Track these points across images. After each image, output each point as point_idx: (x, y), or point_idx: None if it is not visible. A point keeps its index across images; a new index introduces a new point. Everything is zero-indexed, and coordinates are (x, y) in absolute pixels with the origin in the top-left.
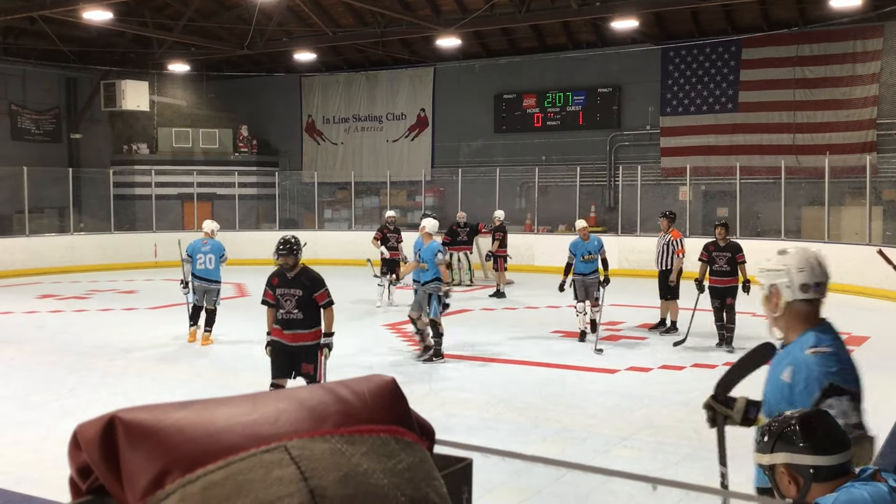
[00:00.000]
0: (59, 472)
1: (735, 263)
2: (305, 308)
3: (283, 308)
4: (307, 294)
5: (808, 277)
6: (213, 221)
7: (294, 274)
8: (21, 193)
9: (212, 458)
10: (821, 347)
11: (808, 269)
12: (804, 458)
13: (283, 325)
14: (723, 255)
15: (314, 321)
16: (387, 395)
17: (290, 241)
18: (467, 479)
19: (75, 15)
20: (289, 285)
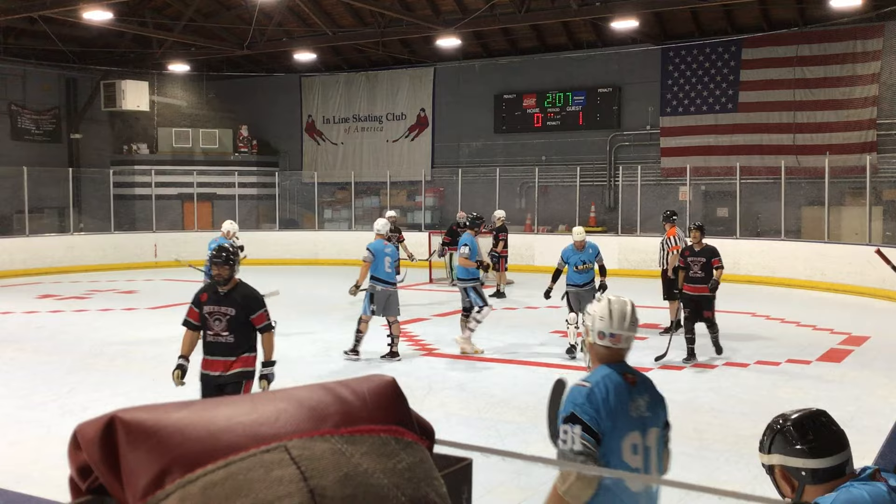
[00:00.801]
0: (59, 471)
1: (711, 269)
2: (238, 331)
3: (210, 329)
4: (242, 314)
5: (605, 327)
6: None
7: (227, 289)
8: (21, 193)
9: (212, 457)
10: (581, 382)
11: (608, 320)
12: (796, 461)
13: (208, 350)
14: (697, 261)
15: (247, 347)
16: (387, 395)
17: (227, 249)
18: (467, 479)
19: (75, 15)
20: (220, 302)
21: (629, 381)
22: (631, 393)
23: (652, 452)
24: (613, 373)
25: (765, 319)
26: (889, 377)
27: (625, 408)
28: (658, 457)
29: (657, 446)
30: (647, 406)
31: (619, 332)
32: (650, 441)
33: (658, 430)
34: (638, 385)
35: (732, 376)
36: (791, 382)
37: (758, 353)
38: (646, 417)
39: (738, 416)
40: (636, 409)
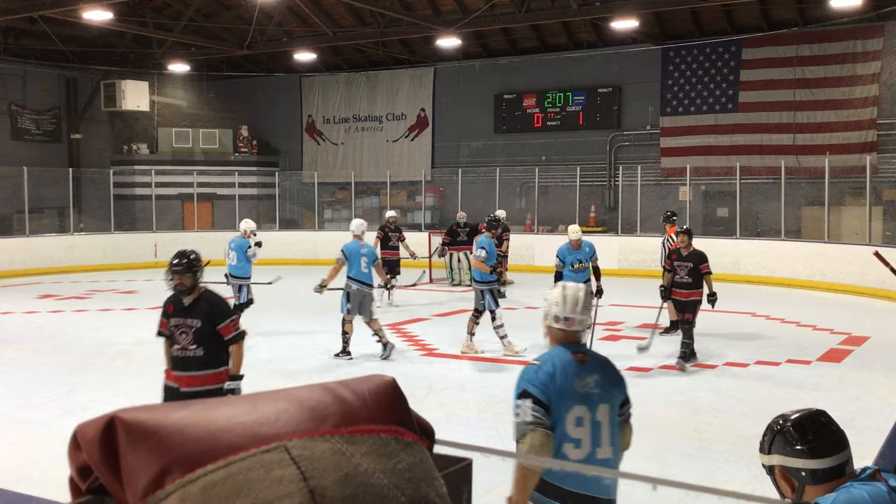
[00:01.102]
0: (59, 471)
1: (699, 275)
2: (206, 343)
3: (177, 343)
4: (208, 325)
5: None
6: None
7: (192, 299)
8: (21, 193)
9: (212, 457)
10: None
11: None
12: (796, 462)
13: (176, 365)
14: (684, 266)
15: (218, 360)
16: (387, 396)
17: (187, 255)
18: (467, 479)
19: (75, 15)
20: (185, 314)
21: (578, 359)
22: (579, 371)
23: (603, 427)
24: (564, 352)
25: (765, 319)
26: (889, 377)
27: (571, 384)
28: (612, 431)
29: (609, 421)
30: (597, 384)
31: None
32: (600, 416)
33: (609, 406)
34: (588, 364)
35: (732, 376)
36: (791, 382)
37: (758, 353)
38: (594, 394)
39: (738, 416)
40: (583, 386)
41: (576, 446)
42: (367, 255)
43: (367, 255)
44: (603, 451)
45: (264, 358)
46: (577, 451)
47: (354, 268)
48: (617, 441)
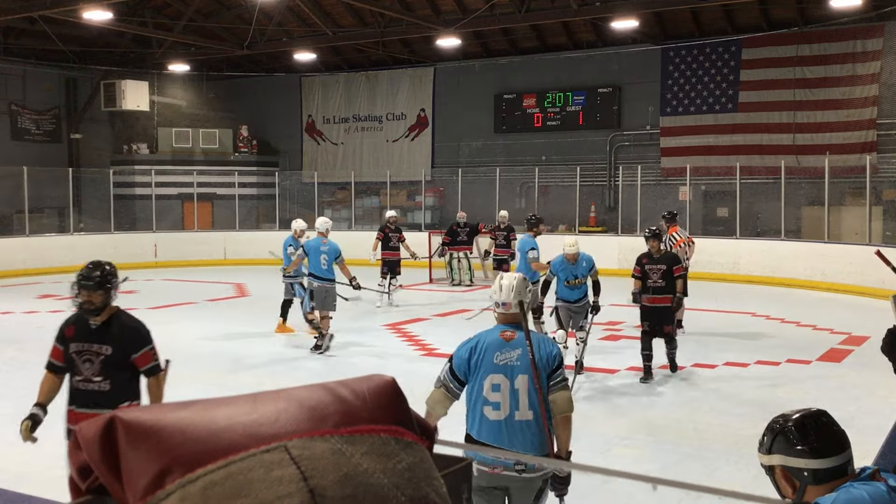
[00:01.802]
0: (58, 471)
1: (672, 278)
2: (115, 374)
3: (78, 373)
4: (120, 353)
5: (497, 298)
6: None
7: (101, 321)
8: (21, 193)
9: (212, 457)
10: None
11: (499, 292)
12: (798, 462)
13: (76, 400)
14: (657, 269)
15: (127, 395)
16: (387, 395)
17: (102, 267)
18: (467, 479)
19: (75, 15)
20: (91, 338)
21: (505, 337)
22: (501, 346)
23: (521, 393)
24: (495, 330)
25: (765, 319)
26: (889, 377)
27: (489, 357)
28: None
29: (529, 389)
30: (519, 357)
31: (508, 300)
32: (518, 385)
33: (528, 376)
34: (513, 341)
35: (732, 376)
36: (791, 382)
37: (758, 353)
38: (513, 366)
39: (738, 416)
40: (504, 359)
41: (494, 408)
42: (327, 252)
43: (328, 252)
44: (521, 413)
45: (264, 358)
46: (495, 412)
47: (314, 264)
48: (537, 406)
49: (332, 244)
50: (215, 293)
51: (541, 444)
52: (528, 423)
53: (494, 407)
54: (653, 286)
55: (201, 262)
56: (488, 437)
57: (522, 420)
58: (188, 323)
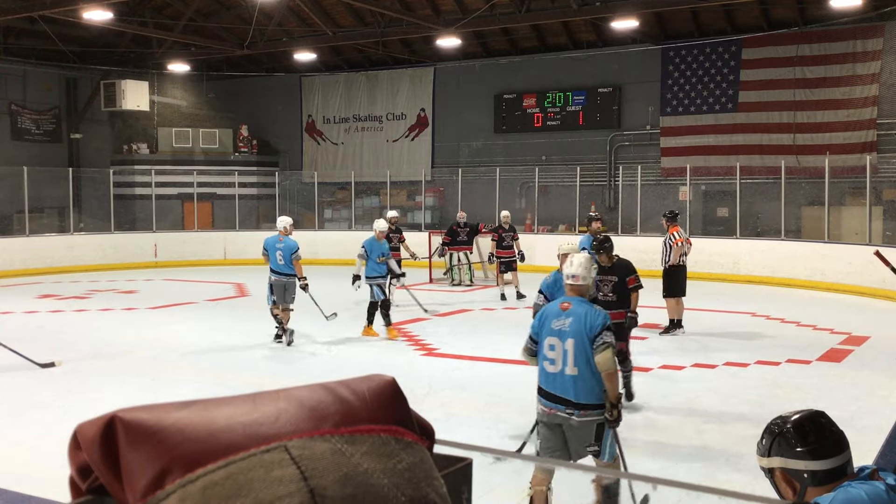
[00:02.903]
0: (59, 471)
1: (625, 290)
2: None
3: None
4: None
5: (568, 270)
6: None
7: None
8: (21, 193)
9: (212, 457)
10: None
11: (569, 265)
12: (798, 464)
13: None
14: (608, 280)
15: None
16: (387, 395)
17: None
18: (467, 479)
19: (75, 15)
20: None
21: (562, 307)
22: (559, 315)
23: (569, 354)
24: (556, 302)
25: (765, 319)
26: (889, 377)
27: (549, 323)
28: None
29: (575, 351)
30: (570, 324)
31: (577, 273)
32: (567, 346)
33: (575, 341)
34: (568, 311)
35: (732, 376)
36: (791, 382)
37: (758, 353)
38: (565, 331)
39: (738, 416)
40: (559, 325)
41: (550, 363)
42: (282, 249)
43: (283, 249)
44: (569, 369)
45: (265, 357)
46: (551, 366)
47: (272, 260)
48: (583, 363)
49: (288, 241)
50: (215, 293)
51: (586, 393)
52: (574, 377)
53: (551, 362)
54: (602, 300)
55: (201, 262)
56: (545, 385)
57: (570, 374)
58: (188, 323)
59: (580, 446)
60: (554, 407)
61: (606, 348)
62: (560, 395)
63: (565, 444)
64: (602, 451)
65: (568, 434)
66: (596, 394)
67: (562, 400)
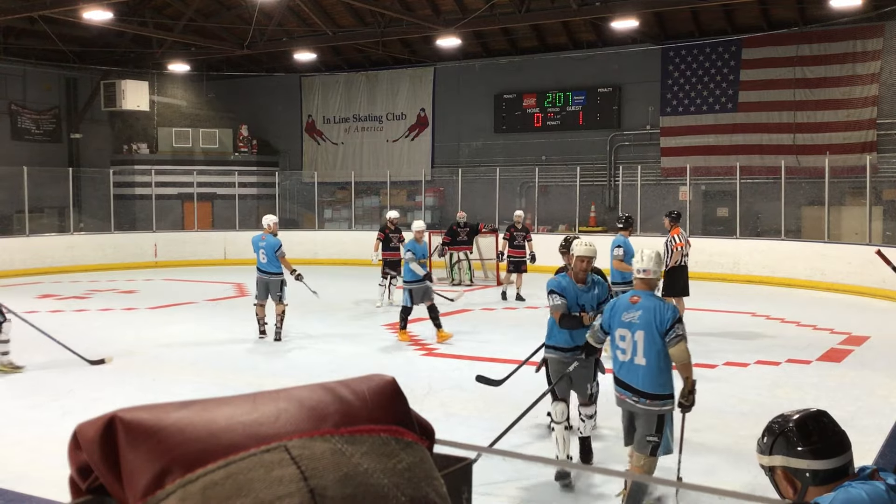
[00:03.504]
0: (59, 471)
1: None
2: None
3: None
4: None
5: (639, 265)
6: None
7: None
8: (21, 193)
9: (212, 457)
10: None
11: (639, 260)
12: (800, 463)
13: None
14: None
15: None
16: (387, 395)
17: None
18: (467, 479)
19: (75, 15)
20: None
21: (632, 301)
22: (628, 307)
23: (639, 345)
24: (626, 295)
25: (765, 319)
26: (889, 377)
27: (618, 314)
28: (645, 348)
29: (645, 342)
30: (639, 317)
31: (647, 268)
32: (637, 338)
33: (645, 332)
34: (637, 304)
35: (732, 376)
36: (791, 382)
37: (758, 353)
38: (634, 323)
39: (738, 416)
40: (629, 317)
41: (621, 352)
42: (265, 247)
43: (266, 247)
44: (638, 359)
45: (265, 357)
46: (622, 355)
47: (257, 258)
48: (652, 355)
49: (270, 239)
50: (215, 293)
51: (651, 382)
52: (642, 366)
53: (622, 352)
54: None
55: (201, 262)
56: (617, 372)
57: (639, 364)
58: (188, 323)
59: (643, 435)
60: (624, 393)
61: (680, 341)
62: (628, 382)
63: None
64: (658, 446)
65: (635, 420)
66: (661, 384)
67: (630, 387)
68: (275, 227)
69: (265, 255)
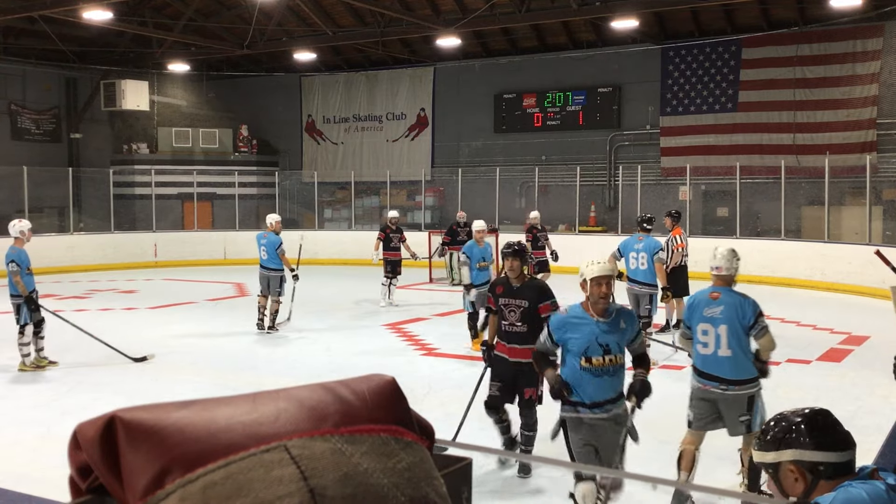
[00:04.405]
0: (59, 471)
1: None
2: None
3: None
4: None
5: (714, 262)
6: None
7: None
8: (21, 193)
9: (212, 457)
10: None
11: (713, 258)
12: (814, 455)
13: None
14: (514, 306)
15: None
16: (387, 395)
17: None
18: (467, 479)
19: (75, 15)
20: None
21: (712, 297)
22: (709, 303)
23: (722, 338)
24: (706, 291)
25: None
26: (889, 377)
27: (700, 310)
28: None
29: (728, 335)
30: (721, 311)
31: (720, 265)
32: (720, 331)
33: (728, 325)
34: (718, 299)
35: None
36: (791, 382)
37: None
38: (717, 318)
39: None
40: (710, 313)
41: (703, 346)
42: (265, 244)
43: (266, 244)
44: (722, 351)
45: (265, 357)
46: (704, 349)
47: (259, 254)
48: (736, 346)
49: (271, 237)
50: (215, 293)
51: (738, 370)
52: (727, 357)
53: (704, 345)
54: (510, 330)
55: (201, 262)
56: (700, 365)
57: (723, 356)
58: (188, 323)
59: (734, 416)
60: (708, 384)
61: (766, 332)
62: (713, 373)
63: (719, 415)
64: (752, 422)
65: (722, 406)
66: (747, 370)
67: (715, 378)
68: (277, 225)
69: (266, 252)
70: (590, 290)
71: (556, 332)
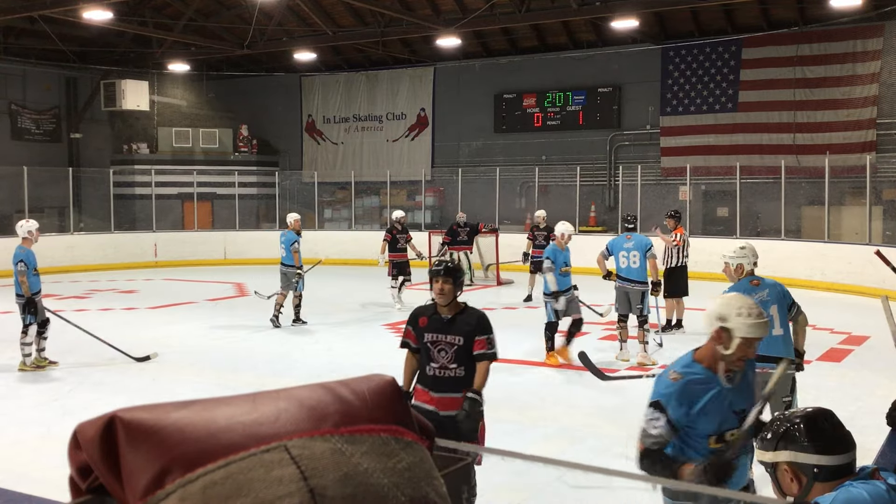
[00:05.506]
0: (59, 471)
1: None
2: None
3: None
4: None
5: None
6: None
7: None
8: (21, 193)
9: (212, 457)
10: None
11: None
12: (809, 458)
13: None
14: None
15: None
16: (387, 395)
17: None
18: (467, 479)
19: (75, 15)
20: None
21: (754, 284)
22: (752, 290)
23: (775, 319)
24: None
25: None
26: (889, 377)
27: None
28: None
29: (778, 315)
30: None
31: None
32: (771, 312)
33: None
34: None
35: None
36: None
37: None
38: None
39: None
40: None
41: None
42: (283, 242)
43: (283, 242)
44: (776, 331)
45: (265, 357)
46: None
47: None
48: (785, 325)
49: (288, 235)
50: (215, 293)
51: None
52: (780, 335)
53: None
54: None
55: (201, 262)
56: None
57: (777, 335)
58: (188, 323)
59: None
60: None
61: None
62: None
63: None
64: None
65: None
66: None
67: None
68: (296, 224)
69: (283, 249)
70: (736, 348)
71: (679, 409)
